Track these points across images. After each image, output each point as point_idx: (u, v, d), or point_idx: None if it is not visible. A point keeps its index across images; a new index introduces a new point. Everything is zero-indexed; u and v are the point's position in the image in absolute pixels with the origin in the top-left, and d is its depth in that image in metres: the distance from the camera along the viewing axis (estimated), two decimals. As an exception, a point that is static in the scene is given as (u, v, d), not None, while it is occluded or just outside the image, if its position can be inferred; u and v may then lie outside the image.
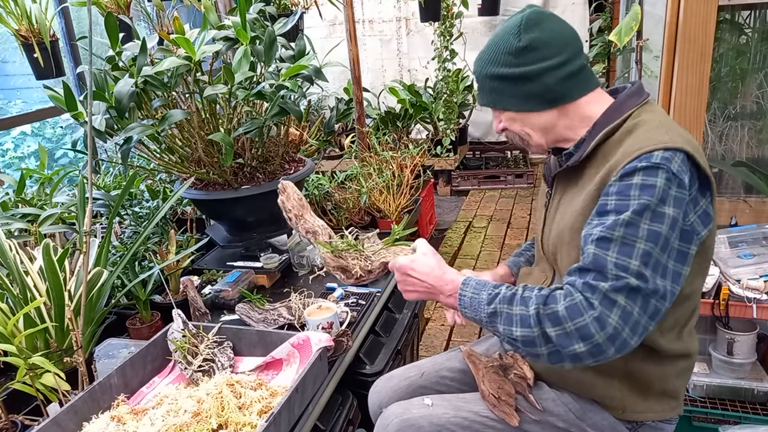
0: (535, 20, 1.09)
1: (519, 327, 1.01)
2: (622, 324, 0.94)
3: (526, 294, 1.03)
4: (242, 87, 1.84)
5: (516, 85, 1.11)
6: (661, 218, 0.97)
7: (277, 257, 2.05)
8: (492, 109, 1.19)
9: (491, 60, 1.12)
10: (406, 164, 2.99)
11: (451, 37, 4.54)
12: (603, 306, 0.95)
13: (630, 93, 1.14)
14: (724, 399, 1.93)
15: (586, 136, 1.14)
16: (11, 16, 2.16)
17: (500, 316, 1.03)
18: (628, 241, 0.97)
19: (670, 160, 0.99)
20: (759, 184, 2.06)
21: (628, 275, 0.95)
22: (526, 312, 1.00)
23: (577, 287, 0.98)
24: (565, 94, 1.11)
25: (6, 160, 3.80)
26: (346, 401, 1.58)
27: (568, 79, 1.10)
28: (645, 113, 1.11)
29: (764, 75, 2.11)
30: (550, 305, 0.99)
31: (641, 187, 0.98)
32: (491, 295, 1.06)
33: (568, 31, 1.12)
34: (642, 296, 0.96)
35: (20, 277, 1.44)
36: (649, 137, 1.03)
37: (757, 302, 1.74)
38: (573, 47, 1.10)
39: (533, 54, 1.08)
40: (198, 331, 1.52)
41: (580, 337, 0.95)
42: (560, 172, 1.20)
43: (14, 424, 1.35)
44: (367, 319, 1.80)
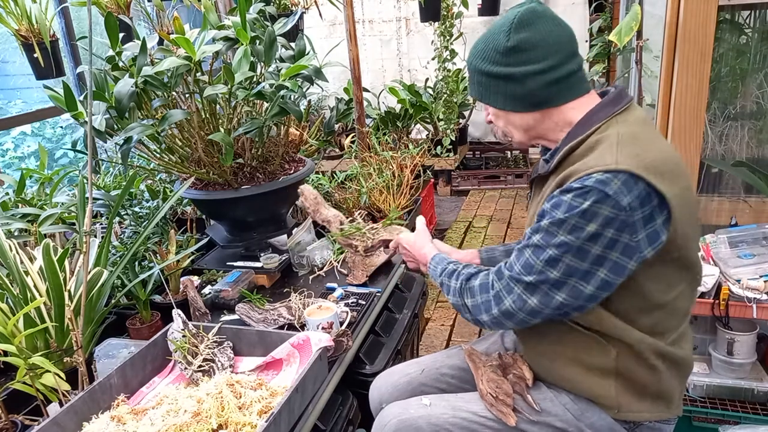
0: (528, 20, 1.07)
1: (451, 295, 1.24)
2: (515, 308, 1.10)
3: (463, 270, 1.23)
4: (242, 87, 1.84)
5: (500, 84, 1.11)
6: (579, 232, 1.01)
7: (277, 257, 2.05)
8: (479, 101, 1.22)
9: (481, 54, 1.13)
10: (406, 164, 2.99)
11: (451, 37, 4.54)
12: (503, 288, 1.12)
13: (605, 103, 1.12)
14: (724, 399, 1.93)
15: (560, 145, 1.14)
16: (11, 16, 2.16)
17: (443, 286, 1.27)
18: (540, 244, 1.06)
19: (606, 183, 0.99)
20: (759, 184, 2.06)
21: (528, 274, 1.08)
22: (456, 285, 1.22)
23: (492, 271, 1.17)
24: (549, 100, 1.11)
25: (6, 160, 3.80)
26: (346, 401, 1.58)
27: (553, 84, 1.09)
28: (613, 126, 1.09)
29: (764, 75, 2.11)
30: (470, 281, 1.20)
31: (567, 206, 1.02)
32: (443, 269, 1.29)
33: (562, 34, 1.09)
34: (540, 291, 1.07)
35: (20, 277, 1.44)
36: (597, 157, 1.04)
37: (757, 302, 1.74)
38: (563, 52, 1.08)
39: (520, 55, 1.07)
40: (198, 331, 1.52)
41: (485, 310, 1.15)
42: (535, 177, 1.24)
43: (14, 424, 1.35)
44: (367, 319, 1.80)
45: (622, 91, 1.15)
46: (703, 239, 1.95)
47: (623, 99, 1.13)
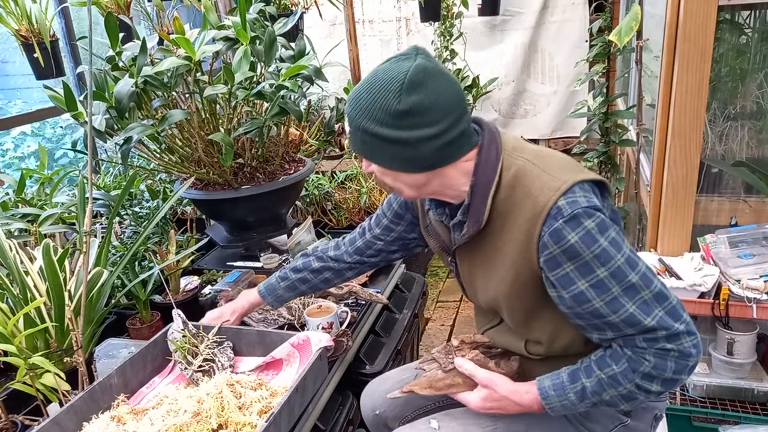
0: (419, 80, 0.98)
1: (626, 402, 1.08)
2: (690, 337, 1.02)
3: (607, 372, 1.06)
4: (242, 87, 1.84)
5: (391, 147, 1.02)
6: (617, 244, 1.01)
7: (277, 257, 2.05)
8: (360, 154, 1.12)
9: (367, 113, 1.01)
10: (406, 164, 2.98)
11: (451, 37, 4.54)
12: (673, 342, 1.01)
13: (487, 142, 1.09)
14: (724, 399, 1.93)
15: (471, 200, 1.09)
16: (11, 16, 2.16)
17: (600, 404, 1.09)
18: (626, 285, 1.01)
19: (576, 201, 1.00)
20: (759, 184, 2.06)
21: (656, 310, 1.01)
22: (625, 389, 1.05)
23: (642, 347, 1.03)
24: (440, 162, 1.05)
25: (6, 160, 3.80)
26: (346, 401, 1.58)
27: (444, 148, 1.03)
28: (513, 158, 1.08)
29: (764, 75, 2.11)
30: (638, 371, 1.04)
31: (583, 241, 0.99)
32: (578, 393, 1.08)
33: (453, 92, 1.02)
34: (674, 306, 1.03)
35: (20, 277, 1.44)
36: (539, 188, 1.03)
37: (757, 302, 1.74)
38: (453, 114, 1.01)
39: (411, 120, 0.99)
40: (198, 331, 1.52)
41: (680, 373, 1.03)
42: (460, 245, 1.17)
43: (14, 424, 1.35)
44: (367, 319, 1.80)
45: (487, 124, 1.12)
46: (703, 239, 1.95)
47: (495, 132, 1.11)
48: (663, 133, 1.87)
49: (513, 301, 1.13)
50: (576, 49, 4.75)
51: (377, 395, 1.45)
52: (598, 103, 2.89)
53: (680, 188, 1.89)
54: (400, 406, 1.41)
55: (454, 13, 4.46)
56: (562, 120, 5.21)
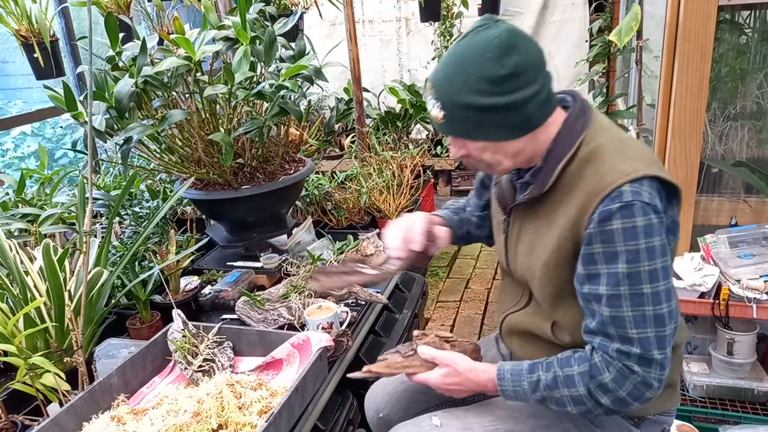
0: (513, 42, 0.99)
1: (574, 406, 1.08)
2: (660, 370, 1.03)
3: (566, 372, 1.07)
4: (242, 87, 1.84)
5: (496, 115, 1.02)
6: (653, 253, 1.00)
7: (277, 257, 2.05)
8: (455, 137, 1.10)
9: (466, 88, 1.01)
10: (406, 164, 2.99)
11: (451, 37, 4.54)
12: (642, 366, 1.02)
13: (577, 113, 1.10)
14: (724, 399, 1.93)
15: (542, 164, 1.10)
16: (11, 16, 2.16)
17: (549, 400, 1.10)
18: (635, 291, 1.01)
19: (639, 193, 0.99)
20: (759, 184, 2.06)
21: (647, 329, 1.01)
22: (577, 392, 1.06)
23: (612, 356, 1.03)
24: (540, 120, 1.06)
25: (6, 160, 3.80)
26: (346, 401, 1.58)
27: (543, 104, 1.05)
28: (597, 135, 1.08)
29: (764, 75, 2.11)
30: (596, 378, 1.04)
31: (624, 233, 0.99)
32: (533, 384, 1.10)
33: (539, 50, 1.04)
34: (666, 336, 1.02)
35: (20, 277, 1.44)
36: (610, 169, 1.02)
37: (757, 302, 1.74)
38: (544, 68, 1.04)
39: (516, 81, 1.00)
40: (198, 331, 1.52)
41: (633, 399, 1.04)
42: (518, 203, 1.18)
43: (14, 424, 1.35)
44: (367, 319, 1.80)
45: (583, 100, 1.13)
46: (703, 239, 1.95)
47: (587, 106, 1.12)
48: (663, 133, 1.87)
49: (548, 272, 1.12)
50: (576, 49, 4.75)
51: (380, 397, 1.45)
52: (598, 103, 2.89)
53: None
54: (403, 409, 1.40)
55: (454, 13, 4.46)
56: (562, 120, 5.22)
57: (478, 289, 3.38)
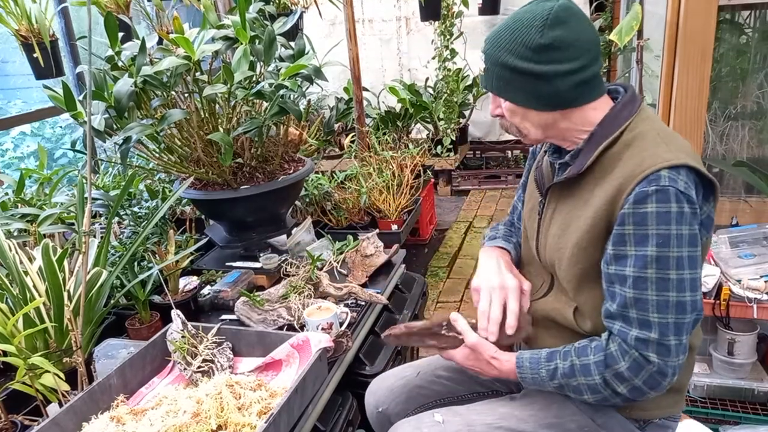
0: (563, 17, 1.03)
1: (590, 394, 1.10)
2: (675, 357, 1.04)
3: (582, 361, 1.09)
4: (242, 86, 1.84)
5: (527, 81, 1.07)
6: (682, 240, 1.01)
7: (276, 257, 2.05)
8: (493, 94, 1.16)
9: (507, 47, 1.06)
10: (406, 164, 2.99)
11: (451, 36, 4.54)
12: (659, 355, 1.03)
13: (626, 101, 1.12)
14: (724, 399, 1.93)
15: (584, 146, 1.12)
16: (11, 16, 2.16)
17: (567, 387, 1.12)
18: (661, 275, 1.02)
19: (676, 180, 1.01)
20: (759, 184, 2.06)
21: (668, 314, 1.02)
22: (593, 380, 1.08)
23: (630, 344, 1.05)
24: (573, 100, 1.09)
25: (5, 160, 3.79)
26: (345, 402, 1.57)
27: (579, 86, 1.07)
28: (642, 123, 1.10)
29: (764, 75, 2.11)
30: (612, 367, 1.06)
31: (657, 216, 1.00)
32: (550, 371, 1.13)
33: (591, 35, 1.07)
34: (685, 324, 1.03)
35: (20, 277, 1.44)
36: (651, 154, 1.04)
37: (757, 302, 1.74)
38: (591, 53, 1.06)
39: (552, 54, 1.03)
40: (197, 332, 1.52)
41: (649, 387, 1.05)
42: (555, 183, 1.19)
43: (14, 424, 1.35)
44: (367, 320, 1.80)
45: (635, 90, 1.16)
46: (703, 239, 1.94)
47: (637, 97, 1.14)
48: (663, 133, 1.87)
49: (579, 252, 1.13)
50: (576, 49, 4.73)
51: (380, 392, 1.45)
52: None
53: (681, 188, 1.88)
54: (402, 403, 1.41)
55: (454, 12, 4.46)
56: (562, 119, 5.21)
57: (478, 289, 3.38)
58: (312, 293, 1.79)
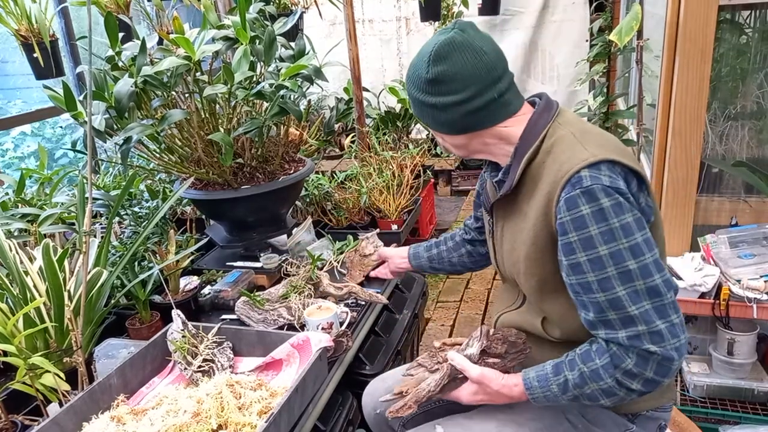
0: (444, 53, 1.09)
1: (605, 398, 1.08)
2: (673, 339, 1.02)
3: (590, 366, 1.08)
4: (242, 87, 1.84)
5: (428, 111, 1.15)
6: (629, 229, 1.01)
7: (276, 257, 2.05)
8: None
9: (411, 81, 1.16)
10: (406, 164, 2.99)
11: (451, 36, 4.54)
12: (656, 343, 1.02)
13: (540, 110, 1.15)
14: (724, 399, 1.93)
15: (512, 161, 1.15)
16: (11, 16, 2.16)
17: (582, 397, 1.10)
18: (622, 269, 1.02)
19: (598, 177, 1.02)
20: (759, 184, 2.06)
21: (643, 302, 1.02)
22: (606, 384, 1.06)
23: (625, 344, 1.04)
24: (472, 126, 1.14)
25: (6, 160, 3.79)
26: (346, 401, 1.57)
27: (472, 113, 1.12)
28: (559, 128, 1.13)
29: (764, 75, 2.11)
30: (620, 366, 1.05)
31: (593, 216, 1.01)
32: (561, 385, 1.11)
33: (479, 64, 1.09)
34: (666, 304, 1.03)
35: (20, 277, 1.44)
36: (569, 157, 1.06)
37: (757, 302, 1.74)
38: (481, 83, 1.09)
39: (439, 87, 1.10)
40: (197, 332, 1.52)
41: (662, 376, 1.04)
42: (497, 201, 1.22)
43: (14, 424, 1.35)
44: (367, 320, 1.80)
45: (548, 98, 1.19)
46: (703, 239, 1.95)
47: (553, 104, 1.17)
48: (663, 133, 1.87)
49: (531, 265, 1.15)
50: (576, 49, 4.75)
51: (378, 394, 1.45)
52: (598, 103, 2.89)
53: (681, 188, 1.89)
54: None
55: (454, 12, 4.46)
56: (562, 120, 5.21)
57: (479, 289, 3.38)
58: (312, 293, 1.79)
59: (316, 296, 1.79)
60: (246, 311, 1.74)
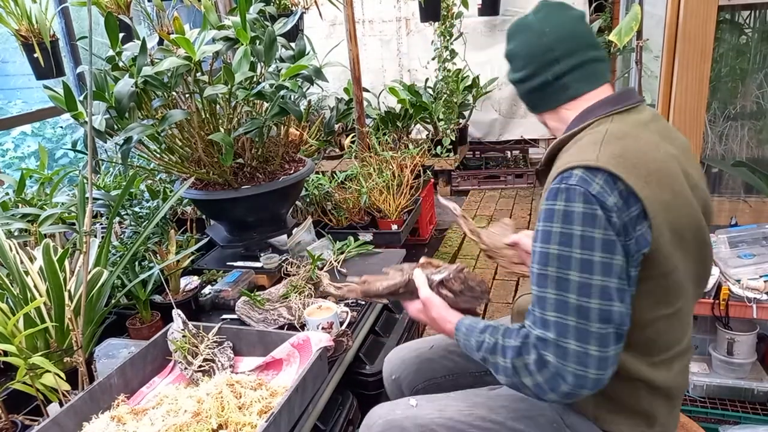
0: (512, 32, 1.16)
1: (503, 375, 1.06)
2: (578, 365, 0.97)
3: (506, 342, 1.06)
4: (242, 87, 1.84)
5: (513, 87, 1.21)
6: (591, 244, 0.96)
7: (277, 257, 2.05)
8: None
9: None
10: (406, 164, 2.99)
11: (451, 37, 4.54)
12: (557, 357, 0.98)
13: (603, 101, 1.11)
14: (724, 399, 1.93)
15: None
16: (11, 16, 2.16)
17: (488, 362, 1.09)
18: (562, 275, 0.98)
19: (588, 182, 0.97)
20: (759, 184, 2.06)
21: (567, 316, 0.97)
22: (505, 363, 1.05)
23: (533, 342, 1.01)
24: (536, 104, 1.18)
25: (6, 160, 3.79)
26: (346, 401, 1.58)
27: (533, 92, 1.15)
28: (605, 124, 1.06)
29: (764, 75, 2.11)
30: (522, 357, 1.02)
31: (562, 214, 0.98)
32: (479, 343, 1.11)
33: (537, 45, 1.10)
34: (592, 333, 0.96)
35: (20, 277, 1.44)
36: (579, 152, 1.03)
37: (757, 302, 1.74)
38: (537, 62, 1.11)
39: (510, 64, 1.18)
40: (198, 331, 1.52)
41: (550, 389, 1.00)
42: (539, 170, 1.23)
43: (14, 424, 1.35)
44: (367, 319, 1.80)
45: (627, 92, 1.13)
46: (703, 239, 1.94)
47: (626, 99, 1.10)
48: (663, 133, 1.87)
49: None
50: (576, 49, 4.72)
51: (394, 362, 1.51)
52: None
53: (680, 188, 1.88)
54: (412, 374, 1.47)
55: (454, 13, 4.46)
56: (562, 120, 5.22)
57: (478, 289, 3.38)
58: (312, 293, 1.79)
59: (316, 296, 1.80)
60: (246, 311, 1.74)
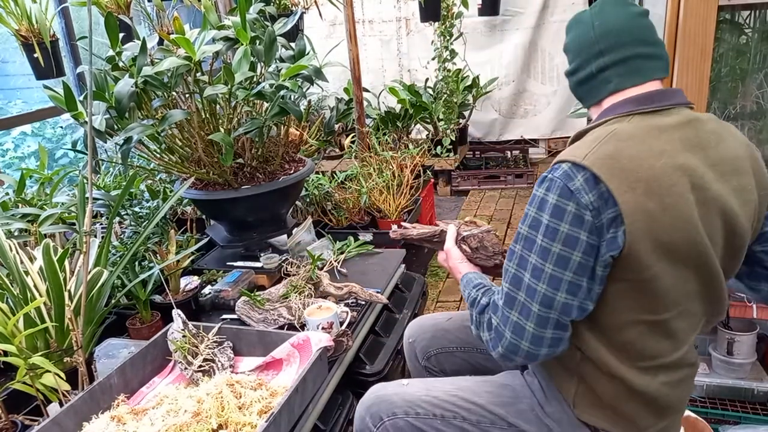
0: (569, 26, 1.20)
1: (474, 327, 1.19)
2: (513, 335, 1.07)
3: (484, 300, 1.18)
4: (242, 87, 1.84)
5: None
6: (554, 234, 1.02)
7: (277, 257, 2.05)
8: None
9: None
10: (406, 164, 2.99)
11: (451, 37, 4.54)
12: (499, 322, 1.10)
13: (630, 100, 1.09)
14: (724, 399, 1.93)
15: None
16: (11, 16, 2.16)
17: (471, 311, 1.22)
18: (524, 254, 1.07)
19: (570, 177, 1.00)
20: (759, 184, 2.05)
21: (519, 291, 1.07)
22: (474, 317, 1.19)
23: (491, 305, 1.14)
24: (584, 97, 1.21)
25: (6, 160, 3.79)
26: (346, 401, 1.58)
27: (579, 84, 1.19)
28: (620, 123, 1.06)
29: (764, 75, 2.11)
30: (485, 313, 1.15)
31: (539, 201, 1.05)
32: (469, 295, 1.24)
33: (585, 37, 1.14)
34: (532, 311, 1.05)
35: (20, 277, 1.44)
36: (575, 148, 1.06)
37: (757, 302, 1.74)
38: (583, 54, 1.15)
39: (567, 56, 1.21)
40: (198, 331, 1.52)
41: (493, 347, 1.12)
42: None
43: (14, 424, 1.35)
44: (367, 319, 1.80)
45: (663, 93, 1.08)
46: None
47: (658, 100, 1.07)
48: (663, 133, 1.87)
49: None
50: (576, 49, 4.73)
51: (414, 328, 1.59)
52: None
53: (680, 188, 1.88)
54: (427, 340, 1.55)
55: (454, 13, 4.46)
56: (562, 120, 5.21)
57: (478, 289, 3.38)
58: (312, 293, 1.79)
59: (316, 296, 1.80)
60: (246, 311, 1.74)
